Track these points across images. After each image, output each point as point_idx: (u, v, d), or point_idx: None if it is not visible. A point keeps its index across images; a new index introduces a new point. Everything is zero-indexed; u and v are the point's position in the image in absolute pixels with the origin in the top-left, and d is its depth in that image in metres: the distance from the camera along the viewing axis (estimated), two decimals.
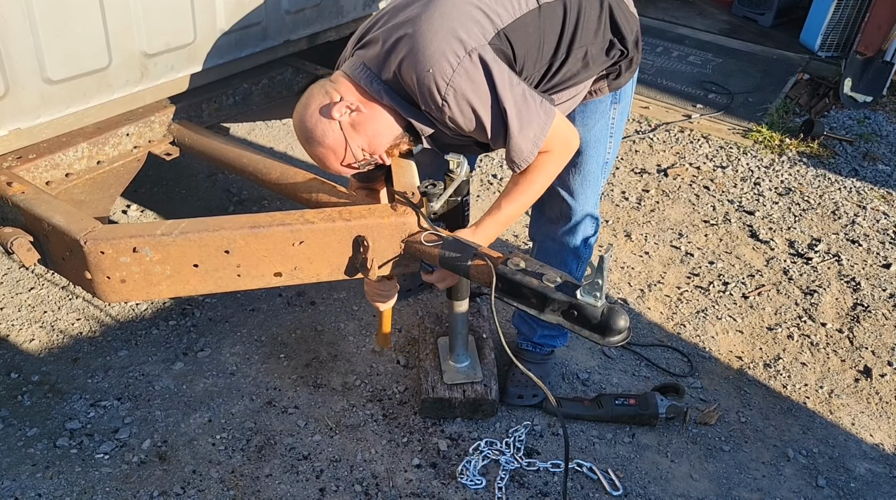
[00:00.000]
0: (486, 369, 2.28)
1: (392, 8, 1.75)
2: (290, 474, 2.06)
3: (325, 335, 2.54)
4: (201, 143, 2.20)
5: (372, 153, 1.76)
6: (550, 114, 1.72)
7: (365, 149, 1.74)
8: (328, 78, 1.77)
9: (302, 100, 1.75)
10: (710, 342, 2.62)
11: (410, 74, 1.62)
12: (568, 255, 2.16)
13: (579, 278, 2.16)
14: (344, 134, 1.70)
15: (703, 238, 3.19)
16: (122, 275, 1.65)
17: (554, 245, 2.16)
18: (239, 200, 3.27)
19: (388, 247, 1.74)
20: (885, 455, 2.23)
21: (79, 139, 2.03)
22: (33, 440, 2.11)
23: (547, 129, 1.71)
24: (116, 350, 2.43)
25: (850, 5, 4.70)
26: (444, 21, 1.60)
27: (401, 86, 1.68)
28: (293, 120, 1.77)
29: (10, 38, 1.75)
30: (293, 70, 2.63)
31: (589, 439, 2.21)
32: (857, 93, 4.43)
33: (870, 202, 3.51)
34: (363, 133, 1.72)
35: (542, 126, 1.70)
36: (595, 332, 1.52)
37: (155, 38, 2.09)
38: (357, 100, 1.70)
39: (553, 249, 2.17)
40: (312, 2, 2.53)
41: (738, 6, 5.73)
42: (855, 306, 2.84)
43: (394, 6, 1.75)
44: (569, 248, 2.15)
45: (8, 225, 1.79)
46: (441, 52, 1.58)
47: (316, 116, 1.71)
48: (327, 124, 1.70)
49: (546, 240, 2.18)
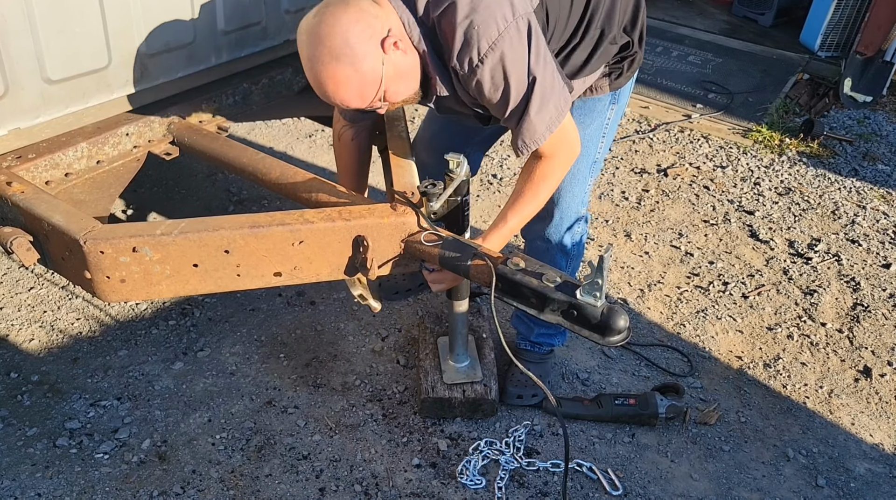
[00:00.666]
0: (485, 368, 2.28)
1: None
2: (290, 473, 2.06)
3: (325, 335, 2.54)
4: (201, 143, 2.20)
5: (387, 100, 1.62)
6: (568, 101, 1.68)
7: (386, 93, 1.60)
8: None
9: (337, 2, 1.52)
10: (710, 342, 2.62)
11: (453, 27, 1.52)
12: (556, 253, 2.15)
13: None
14: (383, 71, 1.54)
15: (702, 238, 3.19)
16: (122, 275, 1.65)
17: (542, 244, 2.15)
18: (239, 200, 3.27)
19: (388, 247, 1.74)
20: (885, 455, 2.23)
21: (78, 139, 2.02)
22: (33, 439, 2.11)
23: (563, 116, 1.67)
24: (116, 350, 2.43)
25: (850, 5, 4.70)
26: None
27: (436, 37, 1.58)
28: (309, 23, 1.52)
29: (9, 37, 1.75)
30: (293, 70, 2.62)
31: (589, 438, 2.21)
32: (856, 93, 4.43)
33: (870, 202, 3.51)
34: (396, 78, 1.58)
35: (559, 111, 1.66)
36: (595, 332, 1.52)
37: (155, 38, 2.09)
38: (403, 40, 1.56)
39: (542, 247, 2.16)
40: (313, 1, 2.53)
41: (738, 6, 5.74)
42: (855, 305, 2.84)
43: None
44: (557, 246, 2.14)
45: (7, 225, 1.79)
46: (490, 11, 1.51)
47: (364, 35, 1.50)
48: (374, 51, 1.51)
49: (535, 239, 2.17)
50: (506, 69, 1.56)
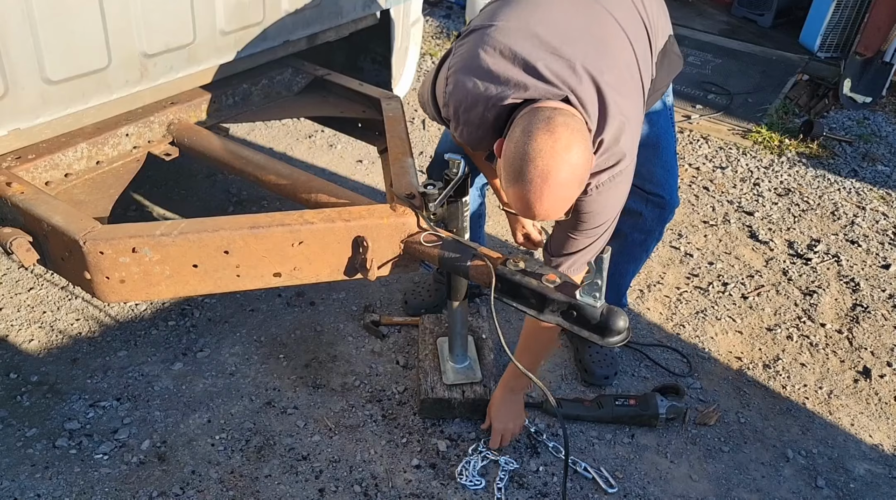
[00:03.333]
0: (485, 369, 2.28)
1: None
2: (290, 474, 2.06)
3: (325, 336, 2.54)
4: (200, 143, 2.20)
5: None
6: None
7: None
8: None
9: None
10: (710, 343, 2.62)
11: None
12: (653, 242, 2.35)
13: (639, 264, 2.44)
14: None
15: (702, 239, 3.19)
16: (122, 275, 1.65)
17: (640, 236, 2.29)
18: (238, 201, 3.27)
19: (388, 247, 1.74)
20: (885, 456, 2.23)
21: (78, 139, 2.02)
22: (32, 440, 2.11)
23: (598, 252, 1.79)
24: (116, 351, 2.43)
25: (850, 6, 4.70)
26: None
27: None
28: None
29: (9, 38, 1.75)
30: (293, 70, 2.63)
31: (588, 439, 2.21)
32: (856, 93, 4.43)
33: (869, 203, 3.52)
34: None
35: (600, 248, 1.78)
36: (594, 332, 1.52)
37: (154, 39, 2.09)
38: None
39: (638, 239, 2.30)
40: (312, 2, 2.53)
41: (737, 7, 5.74)
42: (854, 306, 2.84)
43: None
44: (657, 235, 2.32)
45: (7, 225, 1.79)
46: (620, 146, 1.63)
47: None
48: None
49: (633, 232, 2.27)
50: (607, 205, 1.69)
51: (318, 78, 2.64)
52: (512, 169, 1.45)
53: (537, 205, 1.45)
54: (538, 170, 1.41)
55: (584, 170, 1.47)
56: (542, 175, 1.41)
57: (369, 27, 2.83)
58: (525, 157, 1.42)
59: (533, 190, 1.43)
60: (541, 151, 1.41)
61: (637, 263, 2.42)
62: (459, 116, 1.65)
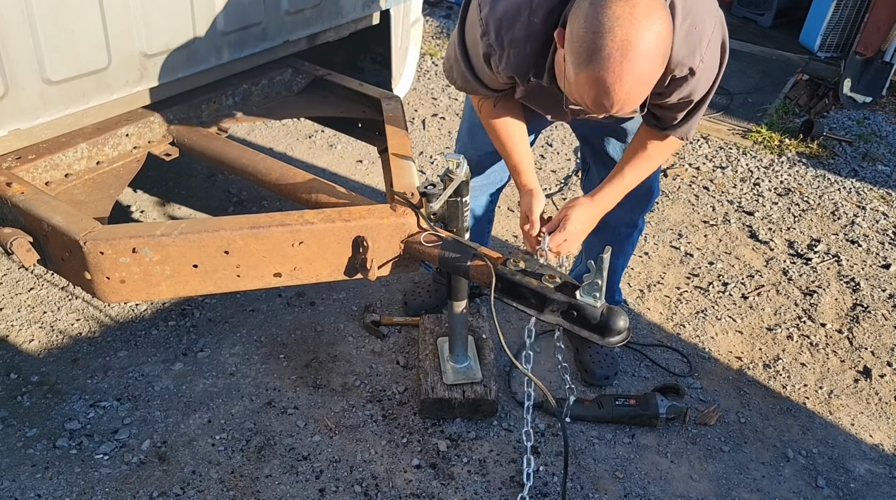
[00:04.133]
0: (485, 369, 2.28)
1: None
2: (290, 474, 2.06)
3: (325, 336, 2.54)
4: (201, 143, 2.20)
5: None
6: None
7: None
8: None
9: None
10: (710, 343, 2.62)
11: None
12: (638, 235, 2.35)
13: (627, 258, 2.45)
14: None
15: (702, 239, 3.19)
16: (122, 275, 1.65)
17: (627, 230, 2.28)
18: (238, 201, 3.27)
19: (388, 247, 1.74)
20: (885, 456, 2.23)
21: (78, 140, 2.03)
22: (33, 440, 2.11)
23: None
24: (116, 351, 2.43)
25: (850, 6, 4.70)
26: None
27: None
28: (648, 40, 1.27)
29: (9, 38, 1.75)
30: (293, 70, 2.63)
31: (589, 439, 2.21)
32: (856, 93, 4.43)
33: (869, 203, 3.51)
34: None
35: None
36: (595, 332, 1.52)
37: (154, 39, 2.09)
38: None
39: (625, 233, 2.29)
40: (312, 2, 2.53)
41: (737, 6, 5.74)
42: (854, 306, 2.84)
43: None
44: (641, 228, 2.32)
45: (7, 225, 1.79)
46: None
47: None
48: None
49: (620, 225, 2.25)
50: (718, 72, 1.60)
51: (318, 78, 2.64)
52: (583, 48, 1.25)
53: (616, 87, 1.25)
54: (617, 41, 1.21)
55: (666, 41, 1.28)
56: (622, 47, 1.22)
57: (369, 27, 2.83)
58: (600, 29, 1.22)
59: (611, 67, 1.23)
60: (618, 18, 1.21)
61: (626, 257, 2.44)
62: (502, 37, 1.48)
